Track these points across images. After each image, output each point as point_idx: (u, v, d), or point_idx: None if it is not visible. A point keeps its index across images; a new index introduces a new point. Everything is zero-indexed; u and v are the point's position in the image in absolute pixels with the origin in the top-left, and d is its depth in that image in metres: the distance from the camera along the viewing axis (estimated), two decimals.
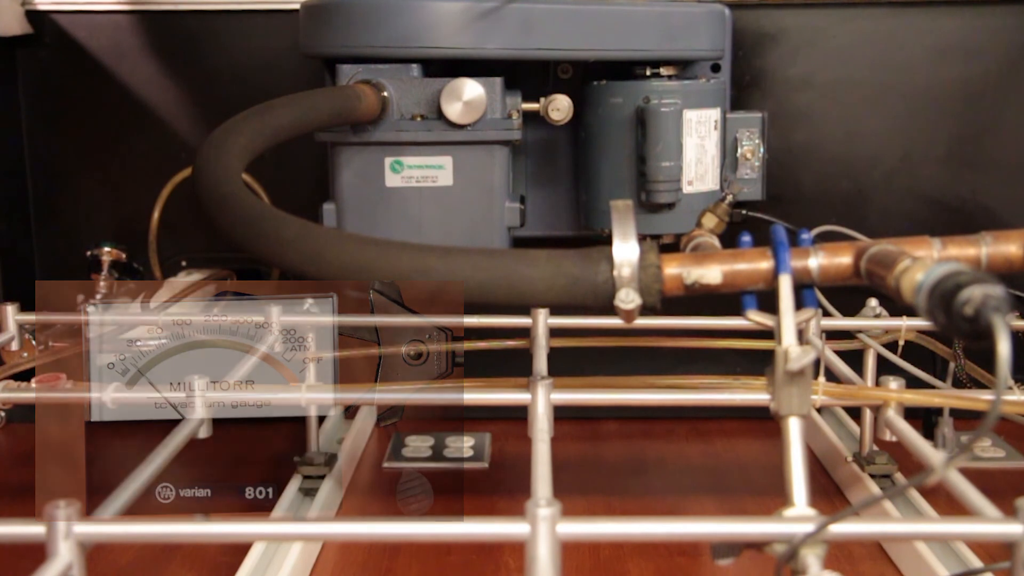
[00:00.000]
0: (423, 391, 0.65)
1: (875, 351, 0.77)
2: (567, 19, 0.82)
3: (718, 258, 0.48)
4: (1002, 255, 0.47)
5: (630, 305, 0.47)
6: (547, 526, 0.43)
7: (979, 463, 0.87)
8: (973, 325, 0.35)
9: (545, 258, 0.49)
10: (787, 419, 0.45)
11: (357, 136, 0.80)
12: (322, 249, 0.49)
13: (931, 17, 0.98)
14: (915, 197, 1.01)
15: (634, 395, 0.61)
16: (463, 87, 0.79)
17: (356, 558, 0.72)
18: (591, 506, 0.81)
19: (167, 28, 0.99)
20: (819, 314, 0.76)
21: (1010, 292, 0.91)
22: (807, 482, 0.46)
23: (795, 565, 0.42)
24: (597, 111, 0.88)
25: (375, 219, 0.81)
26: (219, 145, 0.58)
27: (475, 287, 0.48)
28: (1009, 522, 0.43)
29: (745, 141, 0.90)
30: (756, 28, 0.98)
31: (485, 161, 0.81)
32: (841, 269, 0.47)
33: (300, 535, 0.43)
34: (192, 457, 0.91)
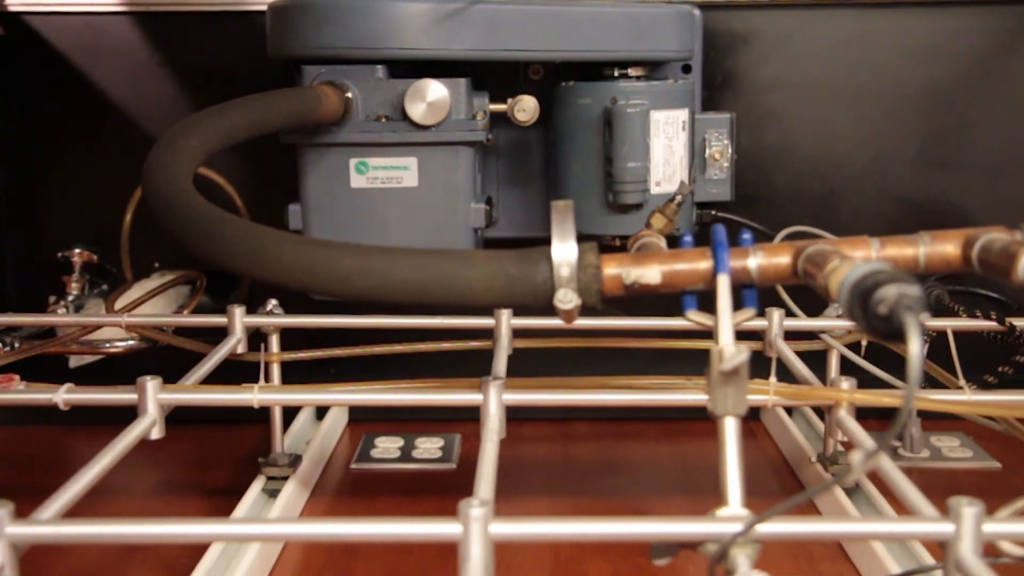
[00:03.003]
0: (372, 391, 0.65)
1: (838, 351, 0.77)
2: (533, 20, 0.82)
3: (658, 258, 0.48)
4: (940, 255, 0.47)
5: (568, 305, 0.47)
6: (479, 526, 0.43)
7: (947, 463, 0.87)
8: (887, 324, 0.35)
9: (485, 258, 0.49)
10: (723, 419, 0.46)
11: (321, 137, 0.80)
12: (264, 250, 0.49)
13: (902, 18, 0.98)
14: (887, 197, 1.01)
15: (585, 396, 0.61)
16: (427, 88, 0.79)
17: (316, 559, 0.72)
18: (555, 507, 0.81)
19: (139, 30, 0.99)
20: (782, 314, 0.76)
21: (984, 294, 0.91)
22: (742, 482, 0.46)
23: (727, 565, 0.42)
24: (566, 112, 0.88)
25: (340, 220, 0.81)
26: (169, 146, 0.58)
27: (415, 288, 0.48)
28: (942, 522, 0.43)
29: (714, 142, 0.90)
30: (727, 29, 0.98)
31: (450, 162, 0.81)
32: (780, 269, 0.48)
33: (226, 535, 0.43)
34: (160, 457, 0.92)
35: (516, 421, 0.97)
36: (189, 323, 0.81)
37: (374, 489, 0.85)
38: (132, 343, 0.86)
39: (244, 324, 0.77)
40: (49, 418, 0.70)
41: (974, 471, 0.86)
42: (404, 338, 0.82)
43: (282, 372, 0.80)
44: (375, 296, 0.49)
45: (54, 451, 0.92)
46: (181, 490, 0.85)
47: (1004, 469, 0.86)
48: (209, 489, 0.85)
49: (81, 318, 0.83)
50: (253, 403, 0.59)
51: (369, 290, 0.49)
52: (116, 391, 0.60)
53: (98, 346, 0.87)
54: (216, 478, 0.87)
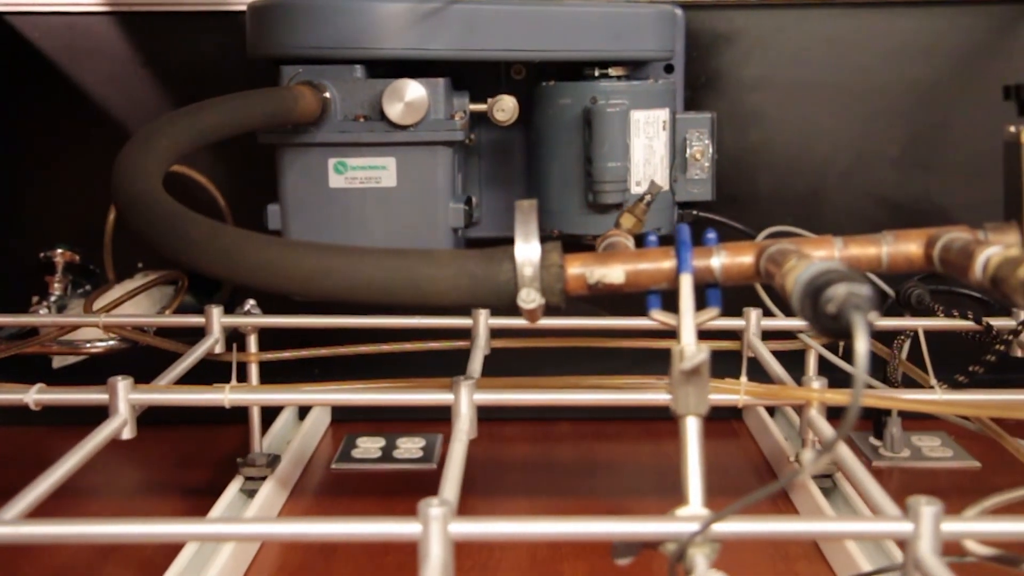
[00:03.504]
0: (344, 391, 0.65)
1: (816, 351, 0.77)
2: (511, 20, 0.82)
3: (621, 258, 0.48)
4: (902, 254, 0.47)
5: (531, 304, 0.47)
6: (439, 526, 0.43)
7: (927, 463, 0.87)
8: (836, 323, 0.35)
9: (448, 258, 0.49)
10: (684, 418, 0.45)
11: (300, 137, 0.80)
12: (228, 249, 0.49)
13: (884, 18, 0.98)
14: (870, 197, 1.01)
15: (554, 395, 0.61)
16: (405, 88, 0.79)
17: (293, 559, 0.72)
18: (534, 507, 0.81)
19: (122, 30, 0.99)
20: (759, 314, 0.76)
21: (967, 293, 0.91)
22: (703, 481, 0.46)
23: (686, 564, 0.42)
24: (546, 112, 0.88)
25: (319, 220, 0.81)
26: (139, 145, 0.58)
27: (379, 288, 0.48)
28: (901, 521, 0.43)
29: (695, 142, 0.90)
30: (710, 29, 0.98)
31: (428, 162, 0.81)
32: (743, 269, 0.47)
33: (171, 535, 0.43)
34: (141, 458, 0.92)
35: (498, 421, 0.99)
36: (167, 323, 0.81)
37: (354, 489, 0.85)
38: (112, 343, 0.86)
39: (222, 324, 0.77)
40: (29, 419, 0.70)
41: (954, 471, 0.86)
42: (387, 338, 0.82)
43: (267, 372, 0.80)
44: (339, 296, 0.49)
45: (32, 452, 0.92)
46: (160, 490, 0.86)
47: (984, 469, 0.86)
48: (188, 489, 0.85)
49: (58, 318, 0.83)
50: (224, 403, 0.59)
51: (333, 290, 0.49)
52: (87, 391, 0.59)
53: (78, 346, 0.87)
54: (196, 478, 0.87)
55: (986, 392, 0.59)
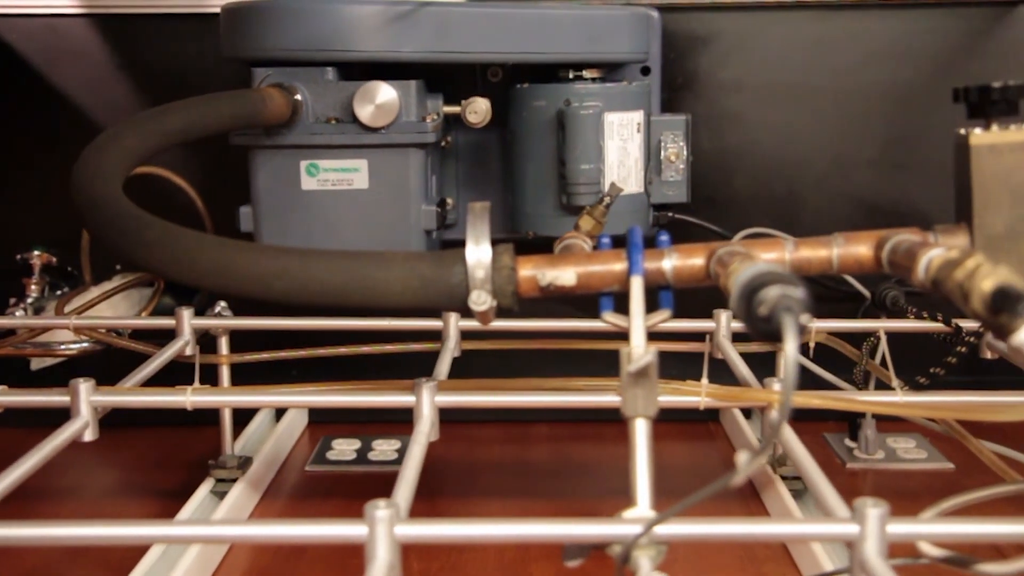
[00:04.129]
0: (306, 393, 0.65)
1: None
2: (483, 22, 0.82)
3: (573, 260, 0.48)
4: (852, 256, 0.47)
5: (482, 307, 0.47)
6: (385, 528, 0.43)
7: (901, 464, 0.87)
8: (767, 325, 0.35)
9: (400, 260, 0.49)
10: (633, 420, 0.46)
11: (272, 139, 0.80)
12: (181, 252, 0.49)
13: (862, 20, 0.98)
14: (847, 199, 1.01)
15: (517, 397, 0.61)
16: (376, 90, 0.79)
17: (261, 561, 0.72)
18: (506, 509, 0.81)
19: (100, 32, 0.99)
20: (729, 315, 0.76)
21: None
22: (651, 484, 0.46)
23: (631, 566, 0.42)
24: (521, 114, 0.88)
25: (292, 223, 0.81)
26: (101, 147, 0.58)
27: (331, 290, 0.48)
28: (847, 523, 0.43)
29: (669, 144, 0.90)
30: (687, 31, 0.98)
31: (400, 164, 0.81)
32: (694, 271, 0.48)
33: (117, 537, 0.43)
34: (116, 460, 0.92)
35: (474, 423, 0.99)
36: (137, 325, 0.81)
37: (327, 491, 0.86)
38: (86, 345, 0.86)
39: (192, 326, 0.77)
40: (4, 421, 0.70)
41: (927, 472, 0.86)
42: (365, 340, 0.82)
43: (247, 374, 0.80)
44: (292, 298, 0.49)
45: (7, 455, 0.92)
46: (135, 492, 0.86)
47: (957, 470, 0.86)
48: (162, 491, 0.85)
49: (28, 320, 0.83)
50: (186, 405, 0.59)
51: (285, 292, 0.49)
52: (48, 393, 0.60)
53: (53, 348, 0.86)
54: (172, 480, 0.87)
55: (946, 394, 0.59)
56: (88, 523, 0.44)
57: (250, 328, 0.80)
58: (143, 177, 0.96)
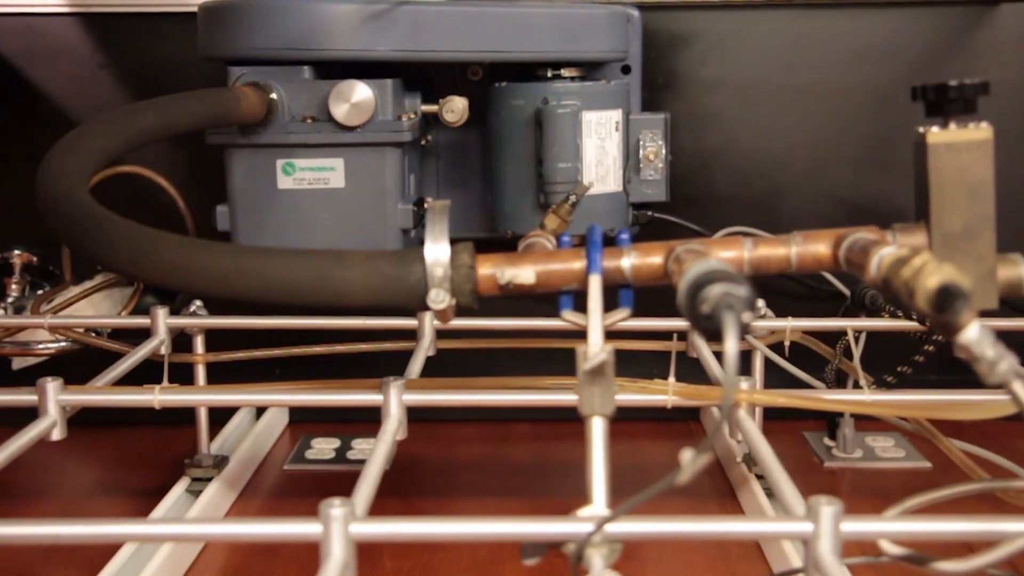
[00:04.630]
0: (275, 391, 0.65)
1: (763, 352, 0.77)
2: (459, 21, 0.82)
3: (532, 258, 0.48)
4: (811, 254, 0.47)
5: (441, 305, 0.48)
6: (339, 526, 0.43)
7: (878, 463, 0.87)
8: (709, 322, 0.35)
9: (360, 259, 0.49)
10: (590, 419, 0.46)
11: (248, 138, 0.80)
12: (142, 250, 0.49)
13: (843, 19, 0.98)
14: (828, 198, 1.01)
15: (486, 396, 0.61)
16: (351, 89, 0.79)
17: (235, 559, 0.72)
18: (482, 507, 0.81)
19: (81, 31, 0.99)
20: None
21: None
22: (607, 482, 0.46)
23: (584, 564, 0.42)
24: (500, 113, 0.88)
25: (268, 222, 0.81)
26: (68, 146, 0.58)
27: (290, 289, 0.48)
28: (801, 521, 0.43)
29: (648, 143, 0.90)
30: (668, 30, 0.98)
31: (376, 163, 0.81)
32: (653, 269, 0.48)
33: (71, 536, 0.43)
34: (94, 459, 0.92)
35: (454, 422, 0.99)
36: (111, 324, 0.81)
37: (304, 490, 0.86)
38: (64, 344, 0.86)
39: (167, 325, 0.77)
40: None
41: (904, 471, 0.86)
42: (342, 339, 0.82)
43: (229, 373, 0.80)
44: (252, 297, 0.49)
45: None
46: (112, 491, 0.86)
47: (934, 469, 0.86)
48: (139, 490, 0.85)
49: (2, 320, 0.83)
50: (154, 404, 0.59)
51: (246, 291, 0.49)
52: (16, 392, 0.60)
53: (31, 348, 0.87)
54: (149, 479, 0.86)
55: (914, 392, 0.59)
56: (48, 522, 0.44)
57: (225, 327, 0.80)
58: (125, 176, 0.96)
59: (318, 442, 0.93)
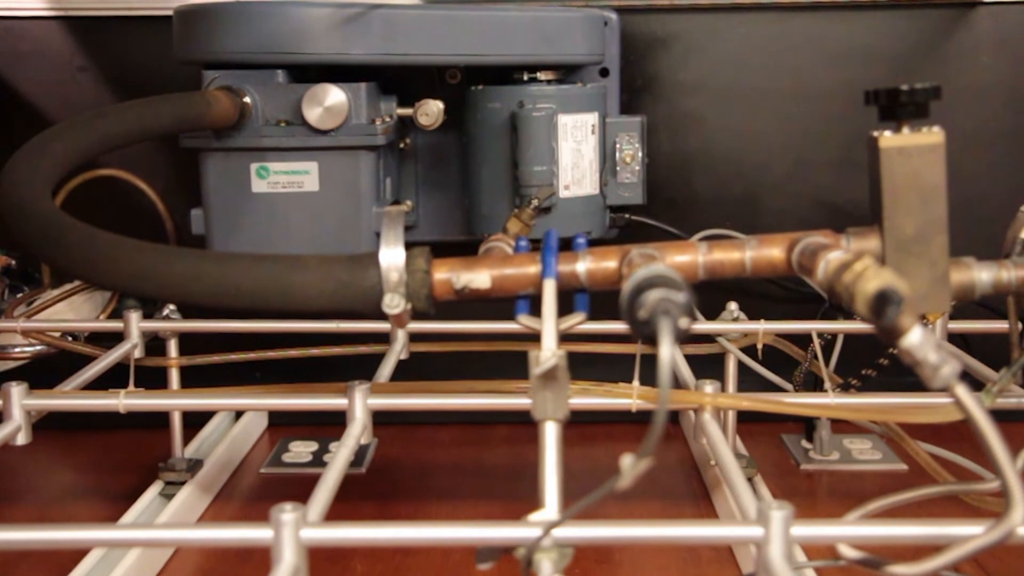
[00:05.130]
0: (240, 395, 0.65)
1: (736, 355, 0.78)
2: (434, 24, 0.82)
3: (488, 263, 0.48)
4: (765, 258, 0.47)
5: (396, 310, 0.48)
6: (290, 531, 0.43)
7: (855, 465, 0.87)
8: (646, 328, 0.35)
9: (316, 264, 0.49)
10: (543, 423, 0.46)
11: (222, 142, 0.80)
12: (101, 256, 0.50)
13: (821, 21, 0.98)
14: (808, 200, 1.01)
15: (450, 399, 0.61)
16: (325, 93, 0.79)
17: (207, 564, 0.72)
18: (456, 511, 0.81)
19: (61, 34, 0.99)
20: None
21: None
22: (560, 486, 0.46)
23: (534, 568, 0.42)
24: (476, 116, 0.88)
25: (243, 225, 0.82)
26: (31, 151, 0.58)
27: (247, 293, 0.49)
28: (752, 525, 0.43)
29: (625, 145, 0.90)
30: (646, 32, 0.98)
31: (350, 167, 0.81)
32: (608, 273, 0.48)
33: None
34: (71, 463, 0.92)
35: (432, 425, 0.99)
36: (83, 328, 0.81)
37: (280, 493, 0.86)
38: (40, 348, 0.86)
39: (140, 329, 0.77)
40: None
41: (880, 473, 0.86)
42: (321, 342, 0.82)
43: (208, 376, 0.79)
44: (210, 302, 0.49)
45: None
46: (86, 495, 0.86)
47: (910, 471, 0.86)
48: (115, 494, 0.85)
49: None
50: (119, 408, 0.59)
51: (202, 296, 0.49)
52: None
53: (7, 352, 0.87)
54: (125, 483, 0.86)
55: (876, 395, 0.59)
56: (10, 528, 0.44)
57: (199, 331, 0.80)
58: (105, 179, 0.96)
59: (296, 445, 0.93)
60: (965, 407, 0.37)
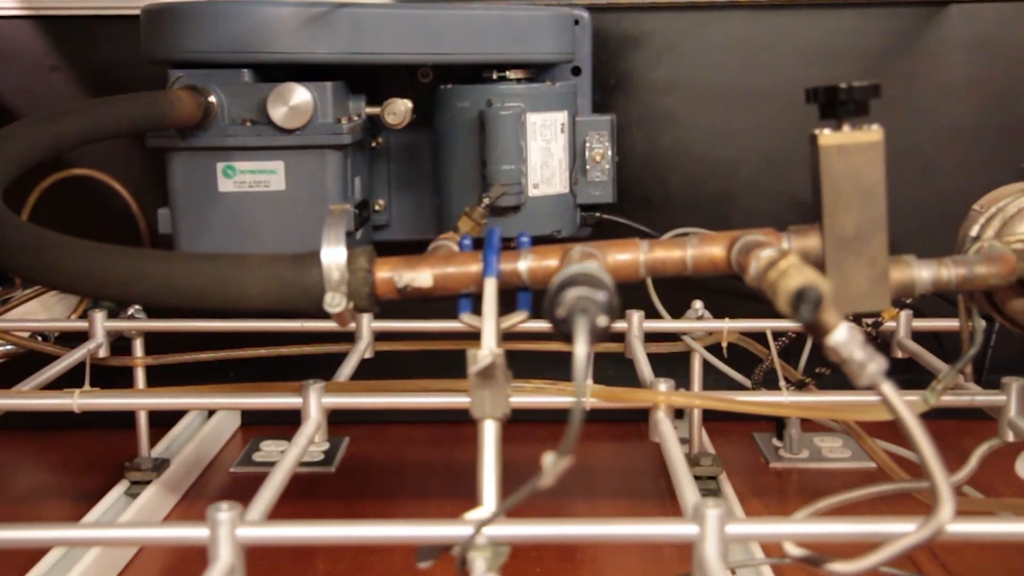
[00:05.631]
0: (194, 394, 0.65)
1: (700, 354, 0.77)
2: (400, 23, 0.82)
3: (430, 261, 0.48)
4: (706, 257, 0.47)
5: (337, 308, 0.48)
6: (226, 530, 0.43)
7: (824, 464, 0.87)
8: (564, 326, 0.35)
9: (258, 263, 0.49)
10: (482, 422, 0.46)
11: (187, 141, 0.80)
12: (45, 255, 0.50)
13: (794, 20, 0.98)
14: (782, 198, 1.01)
15: (408, 399, 0.61)
16: (290, 92, 0.79)
17: (169, 562, 0.72)
18: (422, 510, 0.81)
19: (34, 33, 0.99)
20: (641, 316, 0.76)
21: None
22: (499, 485, 0.46)
23: (469, 566, 0.42)
24: (446, 115, 0.88)
25: (209, 224, 0.81)
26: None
27: (189, 293, 0.49)
28: (687, 523, 0.43)
29: (595, 144, 0.90)
30: (619, 31, 0.98)
31: (316, 166, 0.81)
32: (549, 272, 0.47)
33: None
34: (41, 462, 0.92)
35: (403, 424, 0.99)
36: (48, 328, 0.81)
37: (249, 492, 0.85)
38: (9, 348, 0.86)
39: (105, 328, 0.77)
40: None
41: (849, 471, 0.86)
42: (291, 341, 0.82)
43: (182, 375, 0.79)
44: (152, 301, 0.49)
45: None
46: (53, 494, 0.86)
47: (878, 469, 0.86)
48: (81, 493, 0.84)
49: None
50: (74, 408, 0.59)
51: (145, 295, 0.49)
52: None
53: None
54: (92, 482, 0.86)
55: (828, 394, 0.59)
56: None
57: (164, 330, 0.80)
58: (78, 179, 0.96)
59: (267, 445, 0.93)
60: (891, 404, 0.37)
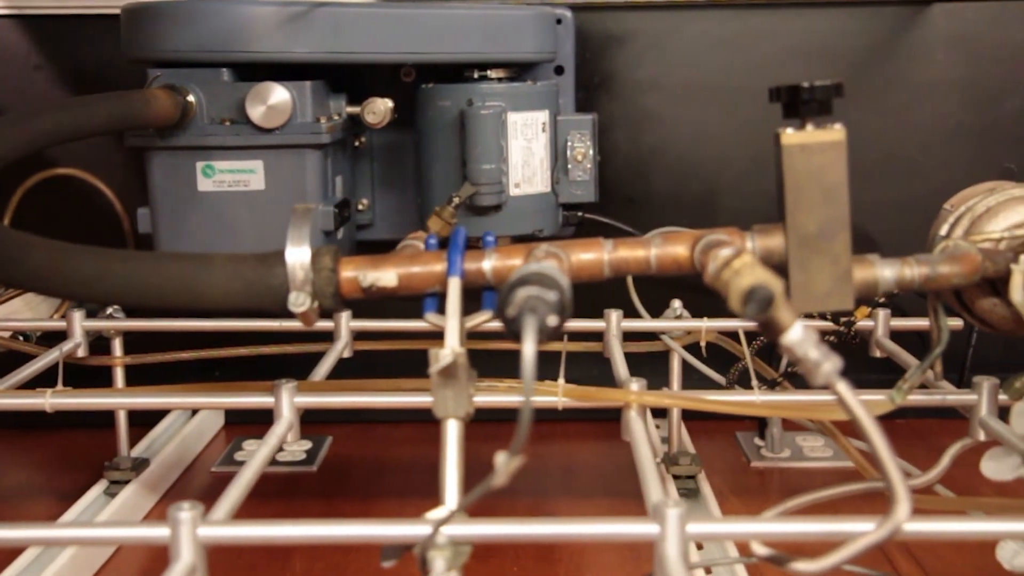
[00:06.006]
0: (166, 394, 0.65)
1: (679, 353, 0.77)
2: (380, 23, 0.82)
3: (395, 261, 0.48)
4: (670, 256, 0.47)
5: (301, 308, 0.48)
6: (187, 530, 0.43)
7: (805, 463, 0.87)
8: (514, 325, 0.35)
9: (223, 262, 0.49)
10: (444, 421, 0.46)
11: (166, 141, 0.80)
12: (9, 254, 0.49)
13: (778, 19, 0.98)
14: (765, 197, 0.99)
15: (380, 398, 0.61)
16: (268, 91, 0.79)
17: (146, 563, 0.72)
18: (404, 509, 0.81)
19: (17, 33, 0.99)
20: (620, 315, 0.76)
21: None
22: (461, 484, 0.46)
23: (428, 566, 0.42)
24: (427, 114, 0.88)
25: (189, 223, 0.82)
26: None
27: (153, 292, 0.49)
28: (647, 523, 0.43)
29: (576, 143, 0.90)
30: (602, 30, 0.98)
31: (295, 165, 0.81)
32: (512, 271, 0.47)
33: None
34: (22, 461, 0.92)
35: (387, 423, 0.99)
36: (26, 327, 0.81)
37: None
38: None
39: (84, 328, 0.77)
40: None
41: (829, 470, 0.86)
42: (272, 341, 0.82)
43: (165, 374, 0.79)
44: (116, 301, 0.49)
45: None
46: (33, 493, 0.86)
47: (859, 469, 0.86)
48: (61, 493, 0.84)
49: None
50: (45, 407, 0.59)
51: (109, 295, 0.49)
52: None
53: None
54: (72, 481, 0.86)
55: (797, 393, 0.59)
56: None
57: (142, 329, 0.80)
58: (61, 178, 0.96)
59: (250, 444, 0.93)
60: (845, 403, 0.37)
